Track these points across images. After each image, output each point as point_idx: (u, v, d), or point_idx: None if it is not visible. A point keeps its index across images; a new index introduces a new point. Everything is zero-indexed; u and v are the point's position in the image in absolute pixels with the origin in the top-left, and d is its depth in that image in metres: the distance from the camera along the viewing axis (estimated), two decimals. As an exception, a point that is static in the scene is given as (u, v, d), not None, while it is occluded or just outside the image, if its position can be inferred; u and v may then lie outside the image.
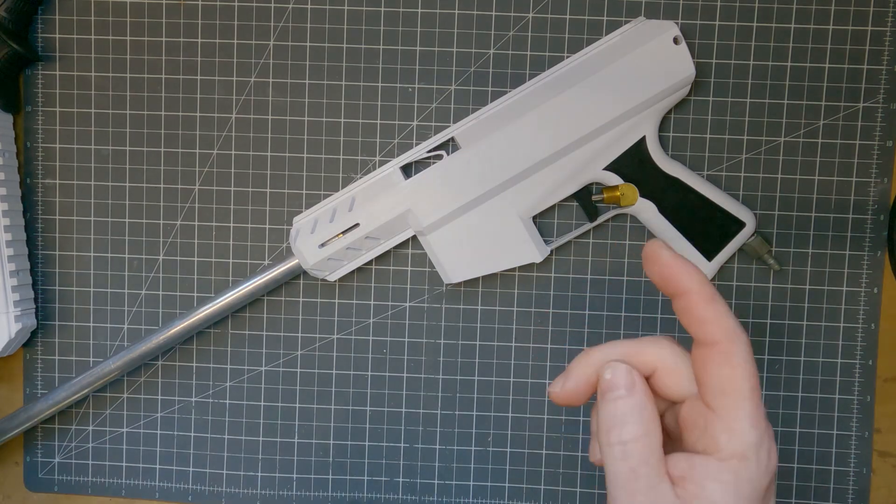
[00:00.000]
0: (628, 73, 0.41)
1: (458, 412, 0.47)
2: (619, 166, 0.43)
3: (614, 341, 0.28)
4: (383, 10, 0.45)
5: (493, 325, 0.46)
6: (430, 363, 0.47)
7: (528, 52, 0.45)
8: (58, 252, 0.47)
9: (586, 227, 0.45)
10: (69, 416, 0.48)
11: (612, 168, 0.43)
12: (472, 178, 0.42)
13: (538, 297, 0.46)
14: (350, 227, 0.43)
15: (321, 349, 0.47)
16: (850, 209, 0.45)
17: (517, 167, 0.42)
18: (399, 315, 0.46)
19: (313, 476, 0.47)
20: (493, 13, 0.45)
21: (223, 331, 0.47)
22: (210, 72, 0.46)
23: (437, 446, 0.47)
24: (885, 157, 0.45)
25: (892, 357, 0.46)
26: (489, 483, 0.47)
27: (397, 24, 0.45)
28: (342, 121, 0.46)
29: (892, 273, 0.43)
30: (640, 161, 0.43)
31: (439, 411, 0.47)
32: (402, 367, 0.47)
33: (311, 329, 0.47)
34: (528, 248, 0.43)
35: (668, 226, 0.43)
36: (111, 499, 0.48)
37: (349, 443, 0.47)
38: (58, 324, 0.47)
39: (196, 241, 0.47)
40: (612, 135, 0.42)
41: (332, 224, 0.43)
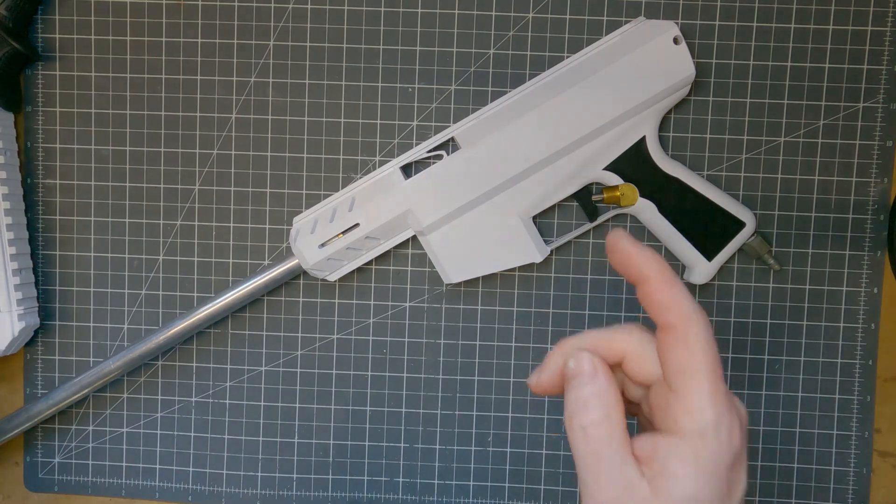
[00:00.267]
0: (628, 73, 0.41)
1: (458, 412, 0.47)
2: (619, 166, 0.43)
3: (587, 331, 0.29)
4: (383, 10, 0.45)
5: (493, 325, 0.46)
6: (430, 363, 0.47)
7: (528, 52, 0.45)
8: (58, 252, 0.47)
9: (586, 227, 0.45)
10: (69, 416, 0.48)
11: (612, 168, 0.43)
12: (472, 177, 0.42)
13: (538, 297, 0.46)
14: (350, 227, 0.43)
15: (321, 349, 0.47)
16: (850, 209, 0.45)
17: (517, 167, 0.42)
18: (399, 315, 0.46)
19: (313, 476, 0.47)
20: (493, 13, 0.45)
21: (223, 331, 0.47)
22: (210, 72, 0.46)
23: (437, 446, 0.47)
24: (885, 157, 0.45)
25: (892, 357, 0.46)
26: (489, 483, 0.47)
27: (397, 24, 0.45)
28: (342, 121, 0.46)
29: (892, 273, 0.43)
30: (640, 161, 0.43)
31: (439, 411, 0.47)
32: (402, 367, 0.47)
33: (311, 329, 0.47)
34: (528, 248, 0.43)
35: (668, 226, 0.43)
36: (111, 499, 0.48)
37: (349, 443, 0.47)
38: (58, 324, 0.47)
39: (196, 241, 0.47)
40: (612, 135, 0.42)
41: (332, 224, 0.43)
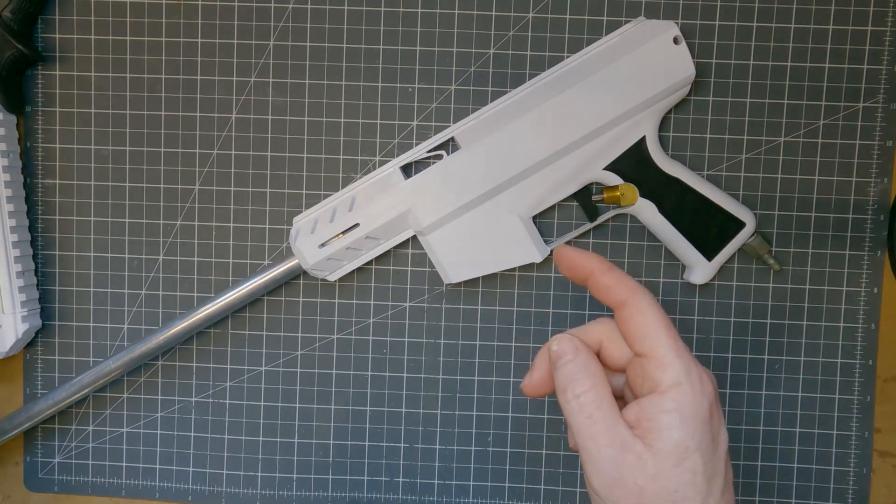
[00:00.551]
0: (628, 73, 0.41)
1: (458, 412, 0.47)
2: (619, 166, 0.43)
3: (565, 330, 0.33)
4: (383, 10, 0.45)
5: (493, 325, 0.46)
6: (430, 363, 0.47)
7: (528, 52, 0.45)
8: (58, 252, 0.47)
9: (586, 227, 0.45)
10: (69, 416, 0.48)
11: (612, 168, 0.43)
12: (472, 178, 0.42)
13: (538, 297, 0.46)
14: (350, 227, 0.43)
15: (321, 349, 0.47)
16: (850, 209, 0.45)
17: (517, 167, 0.42)
18: (399, 315, 0.46)
19: (313, 476, 0.47)
20: (493, 13, 0.45)
21: (223, 331, 0.47)
22: (210, 72, 0.46)
23: (437, 446, 0.47)
24: (885, 157, 0.45)
25: (892, 357, 0.46)
26: (489, 483, 0.47)
27: (397, 24, 0.45)
28: (342, 121, 0.46)
29: (892, 273, 0.43)
30: (640, 161, 0.43)
31: (439, 411, 0.47)
32: (402, 367, 0.47)
33: (311, 329, 0.47)
34: (528, 248, 0.43)
35: (668, 226, 0.43)
36: (111, 499, 0.48)
37: (349, 443, 0.47)
38: (58, 324, 0.47)
39: (196, 241, 0.47)
40: (612, 135, 0.42)
41: (332, 224, 0.43)
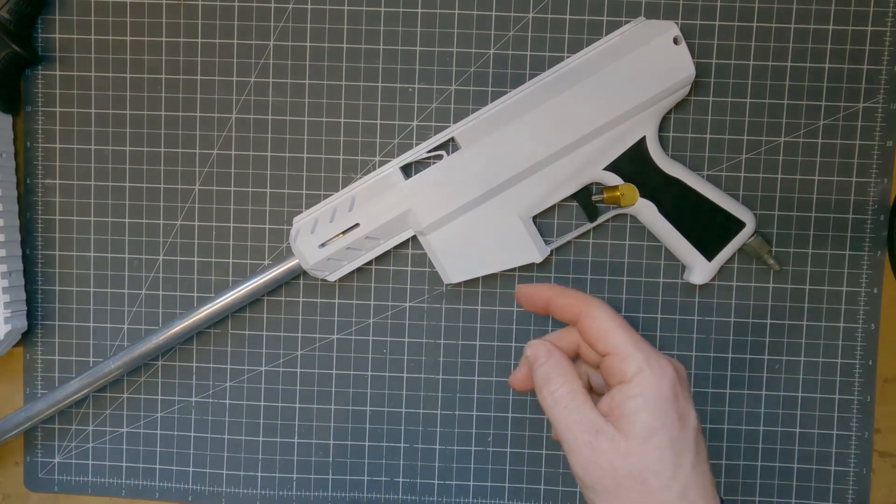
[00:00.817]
0: (628, 73, 0.41)
1: (458, 412, 0.47)
2: (619, 166, 0.43)
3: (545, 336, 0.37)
4: (383, 10, 0.45)
5: (493, 325, 0.46)
6: (430, 363, 0.47)
7: (528, 53, 0.45)
8: (58, 252, 0.47)
9: (586, 227, 0.45)
10: (69, 416, 0.48)
11: (612, 168, 0.43)
12: (472, 178, 0.42)
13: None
14: (350, 227, 0.43)
15: (321, 349, 0.47)
16: (850, 209, 0.45)
17: (517, 167, 0.42)
18: (399, 315, 0.46)
19: (313, 476, 0.47)
20: (493, 13, 0.45)
21: (223, 331, 0.47)
22: (210, 72, 0.46)
23: (437, 446, 0.47)
24: (885, 157, 0.45)
25: (892, 357, 0.46)
26: (489, 483, 0.47)
27: (397, 24, 0.45)
28: (342, 121, 0.46)
29: (892, 273, 0.43)
30: (640, 161, 0.43)
31: (439, 411, 0.47)
32: (402, 367, 0.47)
33: (311, 329, 0.47)
34: (528, 248, 0.43)
35: (668, 226, 0.43)
36: (111, 499, 0.48)
37: (349, 443, 0.47)
38: (58, 324, 0.47)
39: (196, 241, 0.47)
40: (612, 135, 0.42)
41: (332, 224, 0.43)
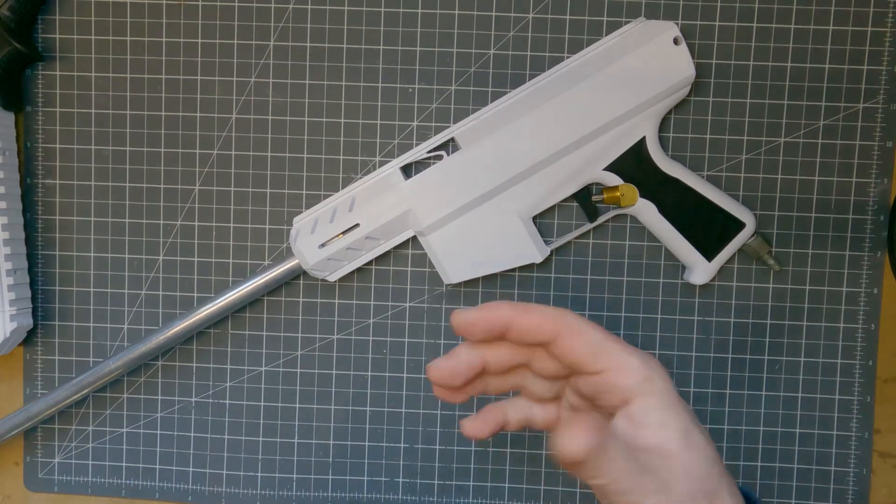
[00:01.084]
0: (628, 73, 0.41)
1: (458, 412, 0.47)
2: (619, 166, 0.43)
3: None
4: (383, 10, 0.45)
5: (493, 325, 0.46)
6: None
7: (528, 53, 0.45)
8: (58, 252, 0.47)
9: (586, 228, 0.45)
10: (69, 416, 0.48)
11: (612, 168, 0.43)
12: (472, 178, 0.42)
13: (538, 297, 0.46)
14: (350, 228, 0.43)
15: (321, 349, 0.47)
16: (850, 209, 0.45)
17: (517, 167, 0.42)
18: (399, 315, 0.46)
19: (313, 476, 0.47)
20: (493, 13, 0.45)
21: (223, 331, 0.47)
22: (210, 72, 0.46)
23: (437, 446, 0.47)
24: (885, 158, 0.45)
25: (892, 357, 0.46)
26: (489, 483, 0.47)
27: (397, 25, 0.45)
28: (342, 121, 0.46)
29: (892, 273, 0.43)
30: (640, 161, 0.43)
31: (439, 411, 0.47)
32: (402, 368, 0.47)
33: (311, 329, 0.47)
34: (528, 249, 0.43)
35: (668, 226, 0.43)
36: (111, 499, 0.48)
37: (349, 443, 0.47)
38: (58, 324, 0.47)
39: (196, 241, 0.47)
40: (612, 135, 0.42)
41: (332, 224, 0.43)
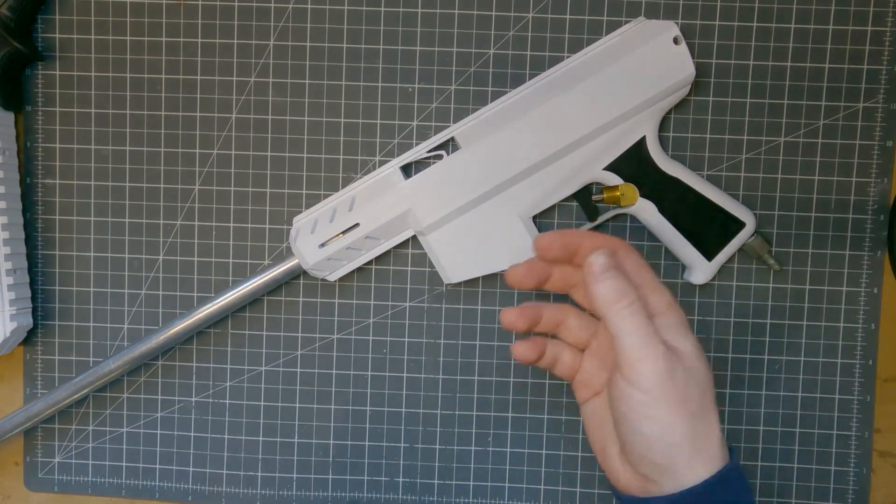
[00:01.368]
0: (628, 73, 0.41)
1: (458, 412, 0.47)
2: (619, 166, 0.43)
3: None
4: (383, 10, 0.45)
5: (493, 325, 0.46)
6: (430, 363, 0.47)
7: (528, 52, 0.45)
8: (58, 252, 0.47)
9: (586, 228, 0.45)
10: (69, 416, 0.48)
11: (612, 168, 0.43)
12: (472, 178, 0.42)
13: (538, 296, 0.46)
14: (350, 227, 0.43)
15: (321, 349, 0.47)
16: (850, 209, 0.45)
17: (517, 167, 0.42)
18: (399, 315, 0.46)
19: (313, 476, 0.47)
20: (493, 13, 0.45)
21: (223, 331, 0.47)
22: (210, 72, 0.46)
23: (437, 446, 0.47)
24: (885, 157, 0.45)
25: (892, 357, 0.46)
26: (489, 483, 0.47)
27: (397, 24, 0.45)
28: (342, 121, 0.46)
29: (892, 273, 0.43)
30: (640, 161, 0.43)
31: (439, 411, 0.47)
32: (402, 367, 0.47)
33: (311, 329, 0.47)
34: (528, 249, 0.43)
35: (668, 226, 0.43)
36: (111, 499, 0.48)
37: (349, 443, 0.47)
38: (58, 324, 0.47)
39: (196, 241, 0.47)
40: (612, 135, 0.42)
41: (332, 224, 0.43)
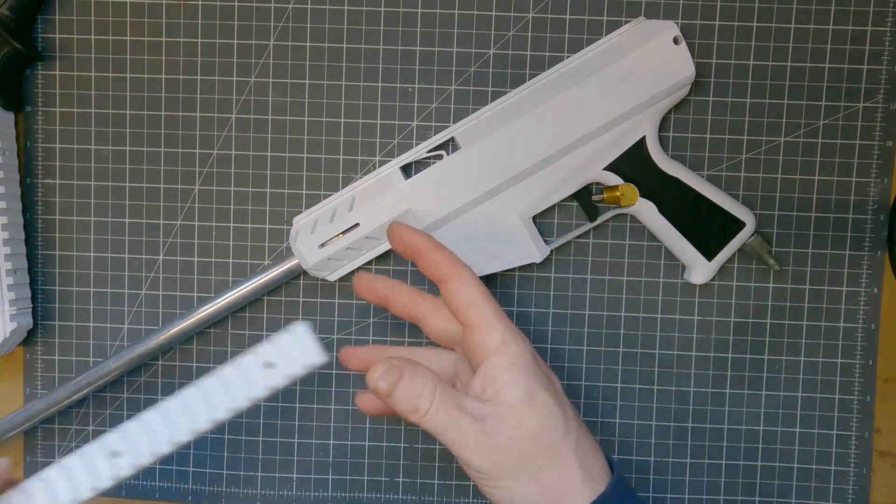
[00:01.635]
0: (628, 73, 0.41)
1: (458, 412, 0.47)
2: (619, 166, 0.43)
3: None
4: (383, 10, 0.45)
5: (493, 325, 0.46)
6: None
7: (528, 52, 0.45)
8: (58, 252, 0.47)
9: (586, 227, 0.45)
10: (69, 416, 0.48)
11: (612, 168, 0.43)
12: (472, 178, 0.42)
13: (538, 297, 0.46)
14: (350, 227, 0.43)
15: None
16: (850, 209, 0.45)
17: (517, 167, 0.42)
18: (399, 315, 0.46)
19: (313, 476, 0.47)
20: (493, 13, 0.45)
21: (223, 331, 0.47)
22: (210, 72, 0.46)
23: (437, 446, 0.47)
24: (885, 157, 0.45)
25: (892, 357, 0.46)
26: (489, 483, 0.47)
27: (397, 24, 0.45)
28: (342, 121, 0.46)
29: (892, 273, 0.43)
30: (640, 161, 0.43)
31: (439, 411, 0.47)
32: (402, 367, 0.47)
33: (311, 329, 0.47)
34: (528, 248, 0.43)
35: (668, 226, 0.43)
36: (111, 499, 0.48)
37: (349, 443, 0.47)
38: (58, 324, 0.47)
39: (196, 241, 0.47)
40: (612, 135, 0.42)
41: (332, 224, 0.43)
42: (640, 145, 0.43)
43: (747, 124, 0.45)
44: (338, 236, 0.43)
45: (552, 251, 0.45)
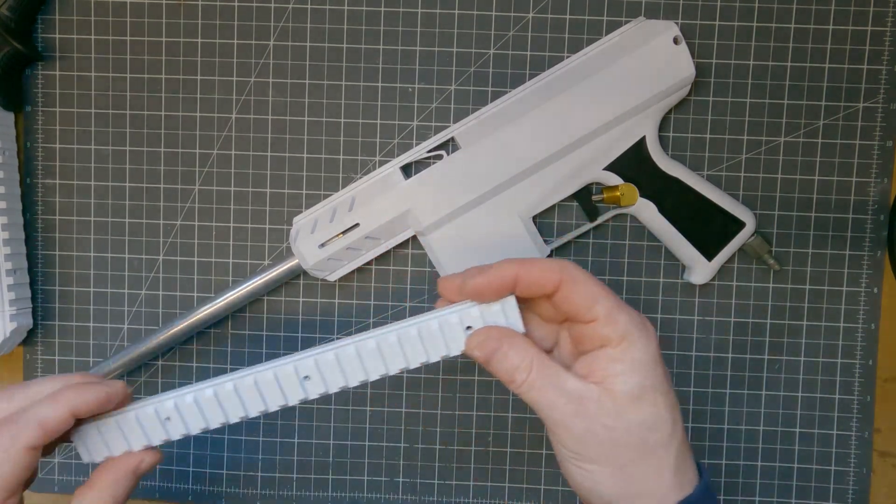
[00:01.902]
0: (628, 73, 0.41)
1: (458, 412, 0.47)
2: (619, 166, 0.43)
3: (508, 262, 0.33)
4: (383, 10, 0.45)
5: (493, 325, 0.46)
6: (430, 363, 0.47)
7: (528, 52, 0.45)
8: (58, 252, 0.47)
9: (586, 227, 0.45)
10: (69, 416, 0.48)
11: (612, 168, 0.43)
12: (472, 178, 0.42)
13: (538, 297, 0.46)
14: (350, 227, 0.43)
15: (321, 349, 0.47)
16: (850, 209, 0.45)
17: (517, 167, 0.42)
18: (399, 315, 0.46)
19: (313, 476, 0.47)
20: (493, 13, 0.45)
21: (223, 331, 0.47)
22: (210, 72, 0.46)
23: (437, 446, 0.47)
24: (885, 157, 0.45)
25: (892, 357, 0.46)
26: (489, 483, 0.47)
27: (397, 24, 0.45)
28: (342, 121, 0.46)
29: (892, 273, 0.43)
30: (640, 161, 0.43)
31: (439, 411, 0.47)
32: (402, 367, 0.47)
33: (311, 329, 0.47)
34: (528, 248, 0.43)
35: (668, 226, 0.43)
36: (111, 499, 0.48)
37: (349, 443, 0.47)
38: (58, 324, 0.47)
39: (196, 241, 0.47)
40: (612, 135, 0.42)
41: (332, 224, 0.43)
42: (640, 145, 0.43)
43: (747, 124, 0.45)
44: (338, 236, 0.43)
45: (552, 251, 0.45)
